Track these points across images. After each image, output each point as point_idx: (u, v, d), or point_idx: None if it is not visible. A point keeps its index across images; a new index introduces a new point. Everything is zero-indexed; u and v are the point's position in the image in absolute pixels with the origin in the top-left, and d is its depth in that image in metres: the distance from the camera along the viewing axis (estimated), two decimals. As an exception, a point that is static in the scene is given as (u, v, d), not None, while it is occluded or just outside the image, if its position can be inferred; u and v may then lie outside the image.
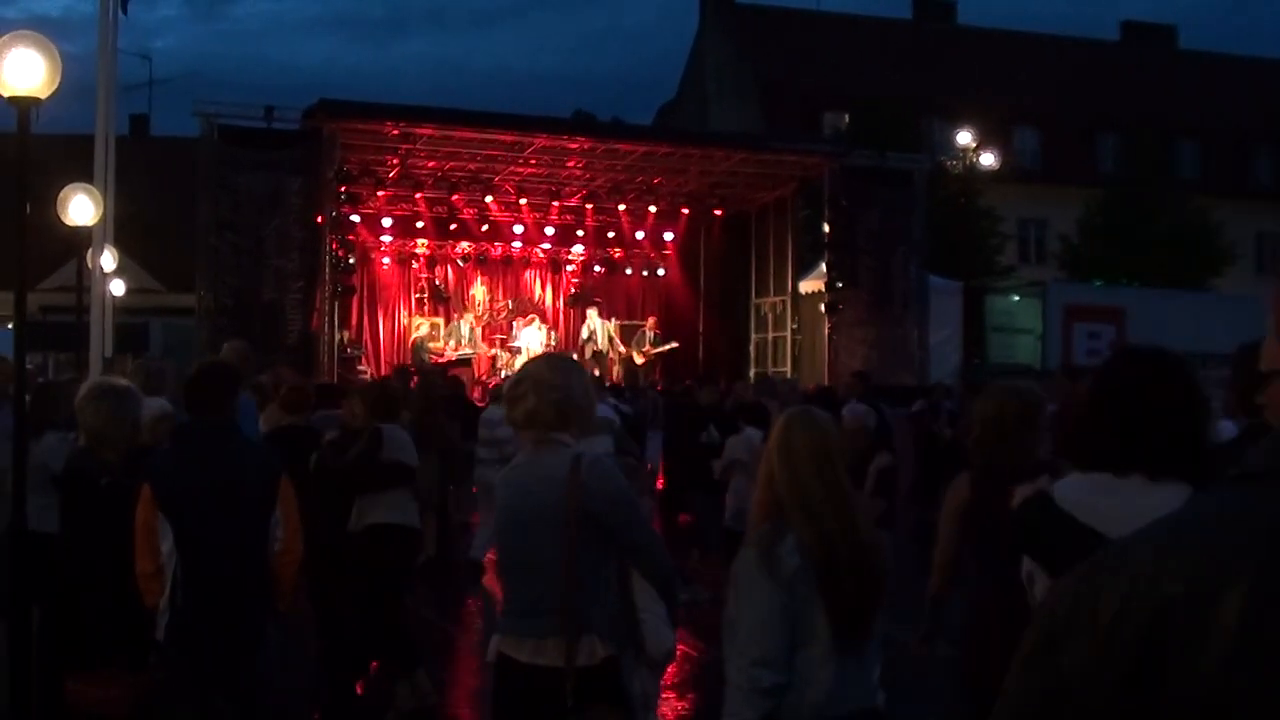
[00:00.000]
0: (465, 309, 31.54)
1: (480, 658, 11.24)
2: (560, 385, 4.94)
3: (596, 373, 26.50)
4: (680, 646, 6.15)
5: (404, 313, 32.54)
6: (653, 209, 31.39)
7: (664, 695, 8.56)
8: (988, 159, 42.15)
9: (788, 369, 29.30)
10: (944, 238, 34.69)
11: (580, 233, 32.90)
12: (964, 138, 42.27)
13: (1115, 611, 1.58)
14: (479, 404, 20.16)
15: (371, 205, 29.69)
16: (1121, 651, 1.56)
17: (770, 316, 31.41)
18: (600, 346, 30.51)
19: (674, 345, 31.48)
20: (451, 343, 29.48)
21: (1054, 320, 29.95)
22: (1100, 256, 43.03)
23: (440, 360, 28.18)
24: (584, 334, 31.20)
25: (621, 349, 31.47)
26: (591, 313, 31.76)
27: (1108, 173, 48.33)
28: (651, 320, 32.36)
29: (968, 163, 42.02)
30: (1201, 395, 3.63)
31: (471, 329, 30.36)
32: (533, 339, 29.98)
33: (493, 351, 31.02)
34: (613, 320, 32.76)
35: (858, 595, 4.35)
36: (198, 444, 6.38)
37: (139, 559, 6.20)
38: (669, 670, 7.16)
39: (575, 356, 26.29)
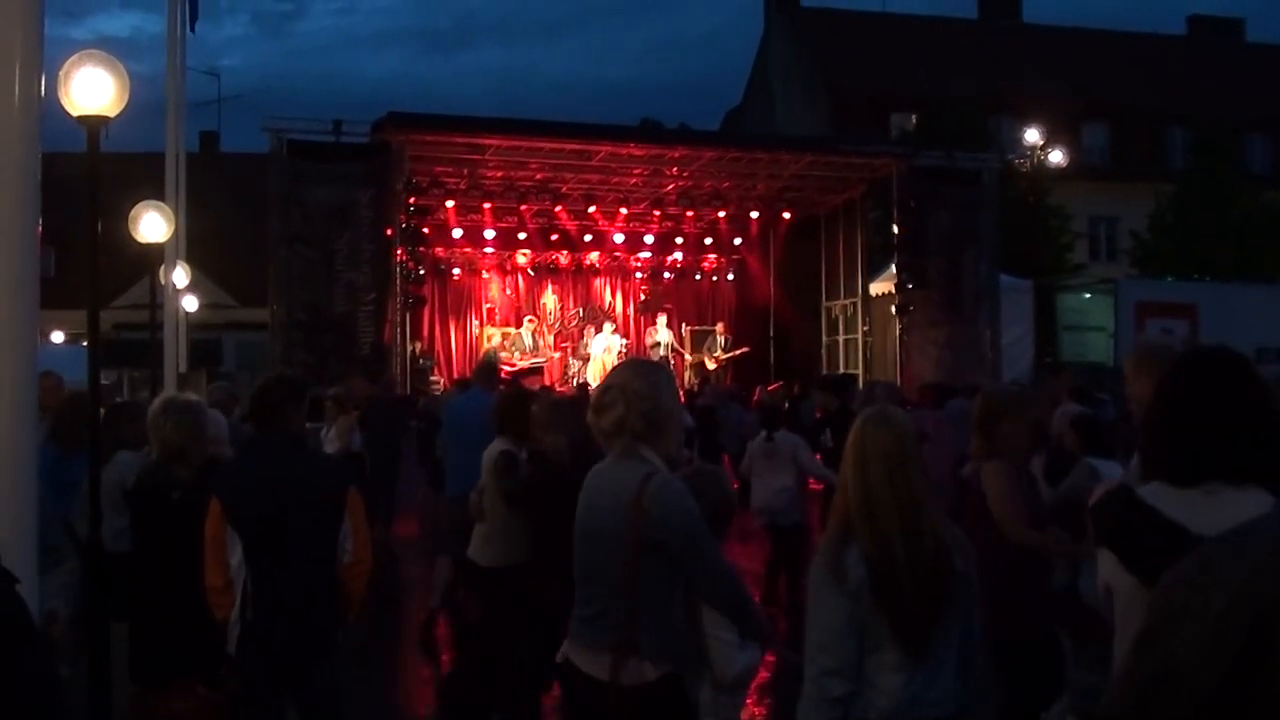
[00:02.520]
0: (530, 319, 31.58)
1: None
2: (649, 394, 4.84)
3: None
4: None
5: (475, 323, 32.64)
6: (721, 214, 31.34)
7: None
8: (1056, 156, 41.75)
9: (859, 371, 29.15)
10: (1014, 237, 34.37)
11: (649, 239, 32.91)
12: (1032, 135, 41.89)
13: (1227, 603, 1.64)
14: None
15: (440, 216, 29.80)
16: (1231, 642, 1.62)
17: (841, 319, 31.33)
18: (665, 355, 30.61)
19: (745, 350, 31.45)
20: (517, 352, 29.54)
21: (1126, 317, 29.56)
22: (1172, 252, 42.48)
23: (512, 370, 28.25)
24: (649, 341, 31.26)
25: (689, 357, 31.55)
26: (660, 320, 31.82)
27: (1177, 168, 47.66)
28: (722, 325, 32.41)
29: (1036, 161, 41.64)
30: (1268, 395, 3.51)
31: (534, 337, 30.40)
32: (601, 345, 30.00)
33: (558, 356, 31.11)
34: (684, 327, 32.82)
35: (916, 603, 4.26)
36: (264, 457, 6.38)
37: (209, 573, 6.19)
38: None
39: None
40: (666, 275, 34.40)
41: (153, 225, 13.97)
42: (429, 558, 17.06)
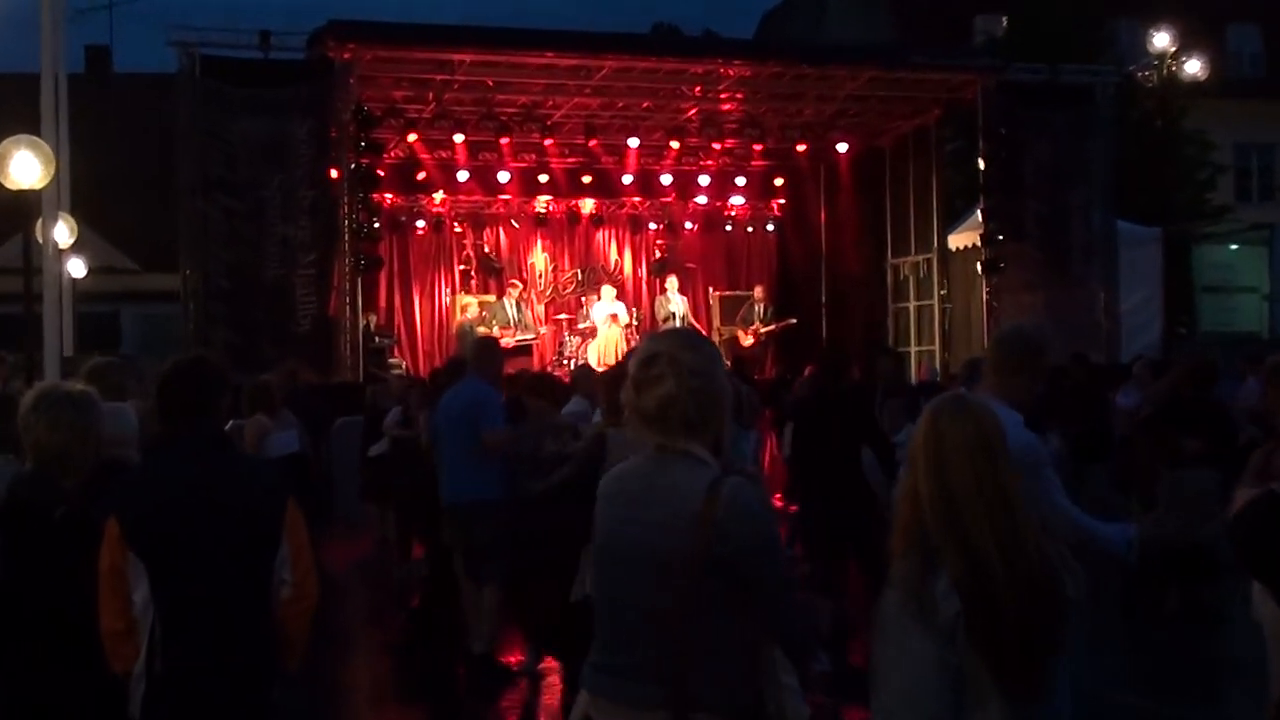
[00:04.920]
0: (513, 284, 31.24)
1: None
2: (704, 371, 4.72)
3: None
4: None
5: (446, 290, 32.54)
6: (758, 147, 31.27)
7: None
8: (1193, 67, 41.52)
9: (935, 346, 29.06)
10: (1137, 172, 34.27)
11: (665, 180, 32.77)
12: (1161, 40, 41.65)
13: None
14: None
15: (400, 154, 29.76)
16: None
17: (912, 281, 31.19)
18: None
19: (791, 321, 31.30)
20: (497, 326, 29.11)
21: (1286, 274, 29.51)
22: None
23: (493, 349, 28.06)
24: (660, 314, 30.88)
25: (719, 331, 31.40)
26: (671, 284, 31.50)
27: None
28: (760, 290, 32.22)
29: (1167, 73, 41.45)
30: None
31: (520, 307, 30.12)
32: (604, 314, 29.77)
33: (547, 332, 30.98)
34: (711, 292, 32.69)
35: (1024, 640, 4.19)
36: (175, 463, 6.31)
37: (105, 614, 6.12)
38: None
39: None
40: (688, 226, 34.28)
41: (26, 167, 13.96)
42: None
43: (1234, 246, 32.99)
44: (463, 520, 12.63)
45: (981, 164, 27.68)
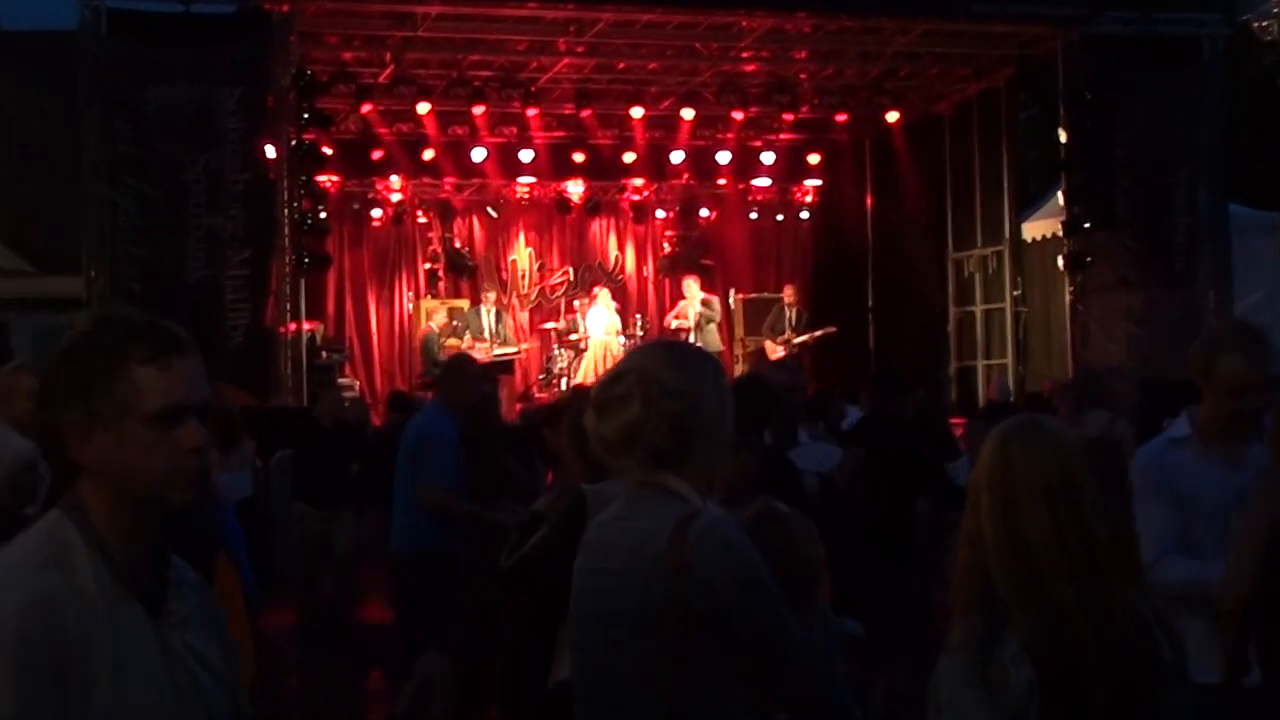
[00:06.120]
0: (493, 286, 31.07)
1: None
2: (683, 391, 4.57)
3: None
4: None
5: (408, 294, 32.50)
6: (789, 117, 31.20)
7: None
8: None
9: (1008, 359, 29.00)
10: (1253, 144, 34.21)
11: (676, 158, 32.81)
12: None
13: None
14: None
15: (351, 128, 29.72)
16: None
17: (979, 279, 31.14)
18: (707, 341, 29.39)
19: (830, 329, 31.16)
20: (469, 337, 28.90)
21: None
22: None
23: (465, 365, 27.96)
24: (674, 320, 30.54)
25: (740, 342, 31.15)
26: (690, 285, 31.22)
27: None
28: (791, 290, 32.04)
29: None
30: None
31: (498, 315, 29.94)
32: (601, 323, 29.62)
33: (528, 349, 30.87)
34: (733, 294, 32.60)
35: (1114, 713, 4.18)
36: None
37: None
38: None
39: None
40: (704, 214, 34.27)
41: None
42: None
43: (1373, 235, 32.86)
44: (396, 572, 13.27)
45: (1063, 135, 27.58)
